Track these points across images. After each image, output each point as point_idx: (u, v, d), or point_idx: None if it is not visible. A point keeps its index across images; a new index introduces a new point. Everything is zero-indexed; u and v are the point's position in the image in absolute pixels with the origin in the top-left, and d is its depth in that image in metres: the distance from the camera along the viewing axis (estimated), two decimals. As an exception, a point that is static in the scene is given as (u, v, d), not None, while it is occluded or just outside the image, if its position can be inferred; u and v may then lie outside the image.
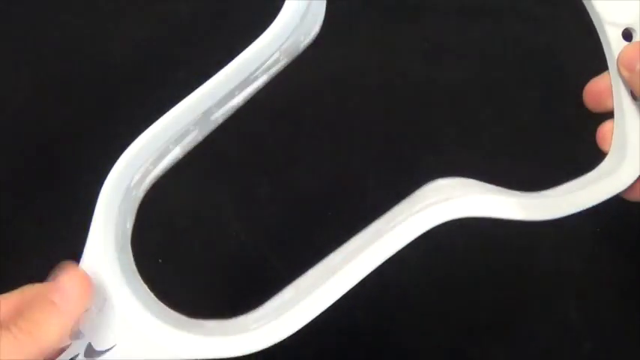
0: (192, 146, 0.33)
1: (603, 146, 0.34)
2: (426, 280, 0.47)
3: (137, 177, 0.30)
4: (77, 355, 0.27)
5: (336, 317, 0.30)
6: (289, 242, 0.48)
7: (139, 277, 0.30)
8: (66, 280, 0.27)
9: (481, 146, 0.50)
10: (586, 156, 0.49)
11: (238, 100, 0.33)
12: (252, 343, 0.28)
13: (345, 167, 0.50)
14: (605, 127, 0.34)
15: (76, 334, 0.27)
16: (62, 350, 0.27)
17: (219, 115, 0.33)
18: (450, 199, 0.31)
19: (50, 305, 0.26)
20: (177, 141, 0.31)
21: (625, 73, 0.32)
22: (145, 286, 0.30)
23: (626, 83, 0.32)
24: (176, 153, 0.32)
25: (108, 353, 0.28)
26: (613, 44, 0.32)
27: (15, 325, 0.25)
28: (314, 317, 0.29)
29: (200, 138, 0.33)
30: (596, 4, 0.32)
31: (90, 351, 0.27)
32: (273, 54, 0.30)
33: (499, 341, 0.47)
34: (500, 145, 0.50)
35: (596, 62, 0.35)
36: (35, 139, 0.50)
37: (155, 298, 0.30)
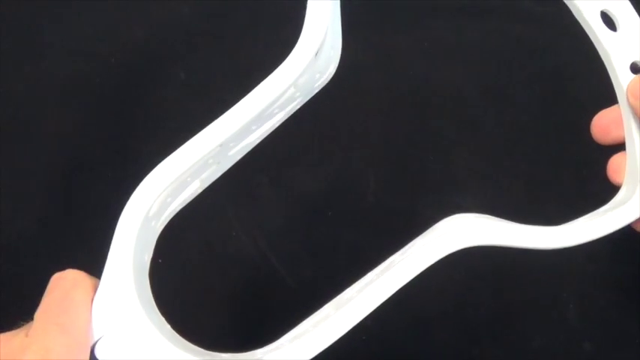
0: (211, 181, 0.33)
1: (615, 179, 0.35)
2: (426, 280, 0.47)
3: (155, 208, 0.30)
4: None
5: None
6: (289, 242, 0.48)
7: (156, 309, 0.30)
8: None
9: (481, 146, 0.50)
10: (586, 156, 0.49)
11: (256, 136, 0.33)
12: None
13: (345, 167, 0.50)
14: (616, 160, 0.35)
15: (92, 359, 0.28)
16: None
17: (237, 151, 0.33)
18: (464, 228, 0.32)
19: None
20: (195, 174, 0.31)
21: (633, 101, 0.33)
22: (162, 318, 0.30)
23: (635, 112, 0.33)
24: (195, 187, 0.33)
25: None
26: (621, 77, 0.34)
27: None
28: (329, 345, 0.29)
29: (219, 174, 0.33)
30: (604, 42, 0.33)
31: None
32: (288, 88, 0.30)
33: (499, 341, 0.47)
34: (500, 145, 0.50)
35: (596, 62, 0.35)
36: (34, 138, 0.50)
37: (171, 329, 0.30)
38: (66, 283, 0.28)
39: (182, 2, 0.53)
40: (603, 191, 0.35)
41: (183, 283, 0.46)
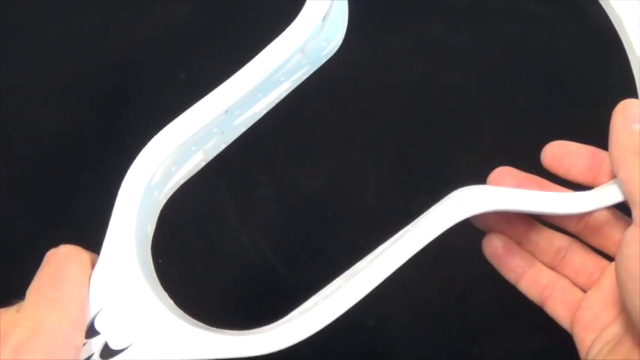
0: (216, 153, 0.32)
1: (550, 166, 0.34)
2: (426, 280, 0.47)
3: (158, 176, 0.29)
4: (92, 355, 0.27)
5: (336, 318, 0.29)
6: (289, 242, 0.48)
7: (159, 283, 0.29)
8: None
9: (481, 146, 0.50)
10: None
11: (262, 105, 0.32)
12: (276, 342, 0.27)
13: (345, 167, 0.50)
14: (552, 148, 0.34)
15: (91, 332, 0.27)
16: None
17: (242, 121, 0.32)
18: (483, 193, 0.30)
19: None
20: (199, 142, 0.30)
21: None
22: (165, 293, 0.29)
23: None
24: (198, 158, 0.31)
25: (124, 352, 0.27)
26: (635, 44, 0.32)
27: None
28: (339, 315, 0.27)
29: (223, 146, 0.32)
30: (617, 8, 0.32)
31: (106, 350, 0.27)
32: (295, 53, 0.29)
33: (499, 341, 0.47)
34: (500, 145, 0.50)
35: (596, 62, 0.35)
36: (34, 138, 0.50)
37: (174, 304, 0.29)
38: (59, 257, 0.27)
39: (182, 2, 0.53)
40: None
41: (182, 283, 0.46)
